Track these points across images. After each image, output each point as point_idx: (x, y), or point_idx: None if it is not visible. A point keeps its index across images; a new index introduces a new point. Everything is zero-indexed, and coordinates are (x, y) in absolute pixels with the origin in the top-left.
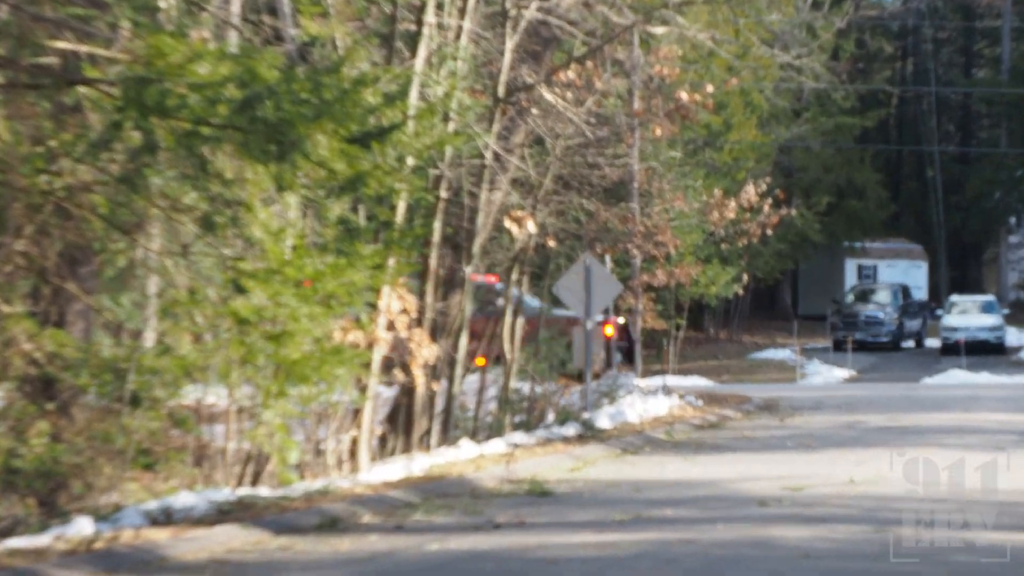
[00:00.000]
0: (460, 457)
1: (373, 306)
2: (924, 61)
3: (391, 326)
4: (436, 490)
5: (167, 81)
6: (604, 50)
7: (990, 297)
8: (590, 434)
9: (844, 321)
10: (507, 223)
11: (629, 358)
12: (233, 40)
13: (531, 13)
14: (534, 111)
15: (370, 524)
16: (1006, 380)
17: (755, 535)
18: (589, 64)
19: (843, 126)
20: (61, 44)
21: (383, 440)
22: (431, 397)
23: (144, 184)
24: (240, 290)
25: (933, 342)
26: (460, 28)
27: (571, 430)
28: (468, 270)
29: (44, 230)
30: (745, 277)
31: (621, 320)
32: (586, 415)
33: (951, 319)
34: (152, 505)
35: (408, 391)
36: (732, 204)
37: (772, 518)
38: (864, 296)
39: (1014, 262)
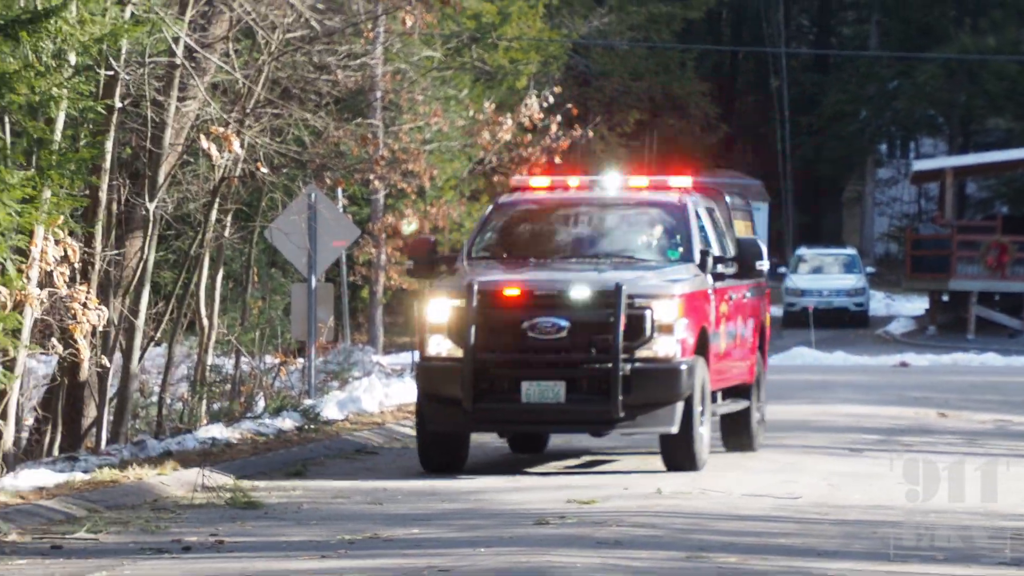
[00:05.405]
0: (138, 456)
1: (23, 253)
2: None
3: (47, 280)
4: (107, 500)
5: None
6: None
7: (851, 251)
8: (313, 427)
9: None
10: (204, 143)
11: None
12: None
13: None
14: None
15: (17, 544)
16: (868, 361)
17: (528, 563)
18: None
19: (659, 18)
20: None
21: (36, 433)
22: (101, 376)
23: None
24: None
25: (774, 310)
26: None
27: (288, 422)
28: (151, 206)
29: None
30: None
31: None
32: (308, 402)
33: (798, 280)
34: None
35: (70, 368)
36: (508, 122)
37: (552, 540)
38: None
39: (884, 204)
